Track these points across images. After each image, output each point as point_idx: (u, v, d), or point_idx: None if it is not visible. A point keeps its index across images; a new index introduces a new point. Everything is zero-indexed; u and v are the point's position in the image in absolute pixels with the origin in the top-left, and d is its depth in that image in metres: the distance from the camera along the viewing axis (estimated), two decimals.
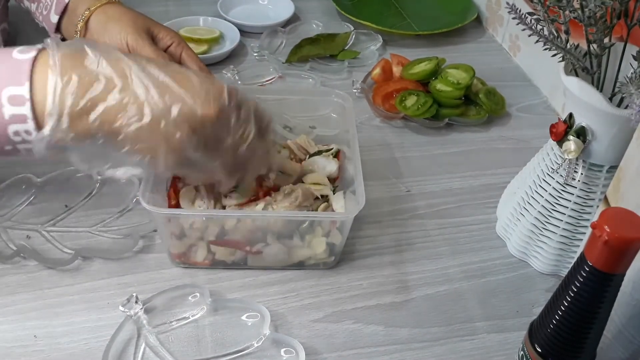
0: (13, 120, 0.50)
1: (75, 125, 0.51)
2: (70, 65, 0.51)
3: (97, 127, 0.51)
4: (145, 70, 0.53)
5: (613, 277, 0.44)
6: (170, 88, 0.53)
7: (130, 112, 0.51)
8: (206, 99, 0.53)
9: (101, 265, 0.65)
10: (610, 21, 0.57)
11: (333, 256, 0.66)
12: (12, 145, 0.52)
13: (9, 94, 0.50)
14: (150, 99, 0.52)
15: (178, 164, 0.55)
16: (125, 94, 0.51)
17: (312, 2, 1.15)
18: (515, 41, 1.04)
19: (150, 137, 0.52)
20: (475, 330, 0.63)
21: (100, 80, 0.51)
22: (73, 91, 0.50)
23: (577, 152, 0.59)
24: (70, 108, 0.50)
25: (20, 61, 0.51)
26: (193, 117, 0.53)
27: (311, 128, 0.77)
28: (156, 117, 0.52)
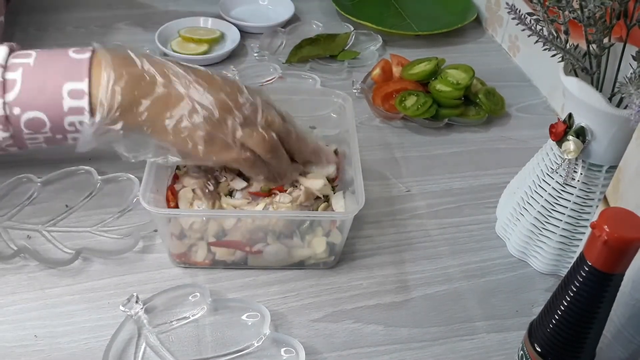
0: (71, 112, 0.57)
1: (125, 116, 0.57)
2: (120, 64, 0.58)
3: (144, 118, 0.58)
4: (180, 71, 0.60)
5: (612, 276, 0.44)
6: (203, 84, 0.60)
7: (172, 105, 0.58)
8: (232, 90, 0.61)
9: (101, 265, 0.66)
10: (610, 21, 0.57)
11: (333, 256, 0.66)
12: (63, 134, 0.58)
13: (70, 88, 0.56)
14: (189, 93, 0.59)
15: (217, 149, 0.60)
16: (168, 89, 0.59)
17: (312, 2, 1.15)
18: (514, 41, 1.04)
19: (191, 127, 0.59)
20: (474, 330, 0.63)
21: (146, 78, 0.58)
22: (124, 86, 0.57)
23: (576, 152, 0.59)
24: (121, 100, 0.57)
25: (78, 60, 0.58)
26: (225, 104, 0.60)
27: (311, 128, 0.77)
28: (196, 107, 0.59)
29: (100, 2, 1.10)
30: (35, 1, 1.08)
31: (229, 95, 0.61)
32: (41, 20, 1.03)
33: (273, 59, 0.98)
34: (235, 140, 0.60)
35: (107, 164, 0.75)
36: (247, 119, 0.61)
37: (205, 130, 0.59)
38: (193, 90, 0.59)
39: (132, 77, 0.57)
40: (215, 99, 0.60)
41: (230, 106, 0.60)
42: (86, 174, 0.74)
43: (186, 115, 0.58)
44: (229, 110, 0.60)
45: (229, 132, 0.60)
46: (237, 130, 0.60)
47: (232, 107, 0.60)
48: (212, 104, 0.59)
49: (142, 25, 1.04)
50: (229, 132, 0.60)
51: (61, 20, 1.04)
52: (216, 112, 0.59)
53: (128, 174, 0.74)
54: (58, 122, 0.57)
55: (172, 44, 0.98)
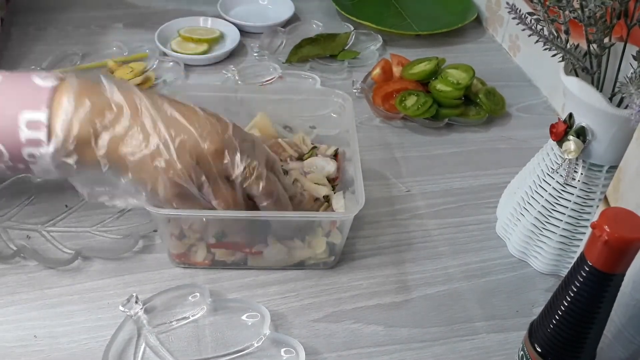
0: (28, 144, 0.52)
1: (82, 148, 0.53)
2: (86, 92, 0.53)
3: (103, 153, 0.54)
4: (155, 103, 0.55)
5: (613, 277, 0.44)
6: (178, 121, 0.55)
7: (136, 141, 0.53)
8: (211, 132, 0.55)
9: (101, 265, 0.65)
10: (610, 21, 0.57)
11: (333, 256, 0.66)
12: (24, 165, 0.54)
13: (27, 119, 0.52)
14: (156, 130, 0.54)
15: (178, 198, 0.56)
16: (133, 123, 0.54)
17: (312, 2, 1.15)
18: (515, 41, 1.04)
19: (153, 167, 0.54)
20: (475, 330, 0.63)
21: (112, 109, 0.54)
22: (83, 116, 0.52)
23: (577, 152, 0.59)
24: (78, 132, 0.52)
25: (40, 87, 0.53)
26: (196, 149, 0.54)
27: (311, 128, 0.77)
28: (160, 148, 0.54)
29: (100, 2, 1.10)
30: (35, 1, 1.08)
31: (205, 140, 0.54)
32: (41, 20, 1.03)
33: (273, 59, 0.98)
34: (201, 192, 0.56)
35: None
36: (218, 172, 0.56)
37: (167, 175, 0.54)
38: (163, 129, 0.54)
39: (95, 108, 0.53)
40: (187, 142, 0.54)
41: (201, 153, 0.54)
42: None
43: (149, 154, 0.53)
44: (200, 158, 0.54)
45: (194, 183, 0.55)
46: (203, 183, 0.55)
47: (203, 154, 0.54)
48: (182, 147, 0.54)
49: (141, 25, 1.04)
50: (193, 183, 0.55)
51: (61, 20, 1.04)
52: (183, 158, 0.54)
53: None
54: (16, 152, 0.53)
55: (172, 43, 0.98)
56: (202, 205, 0.57)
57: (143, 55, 0.95)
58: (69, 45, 0.97)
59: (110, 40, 0.99)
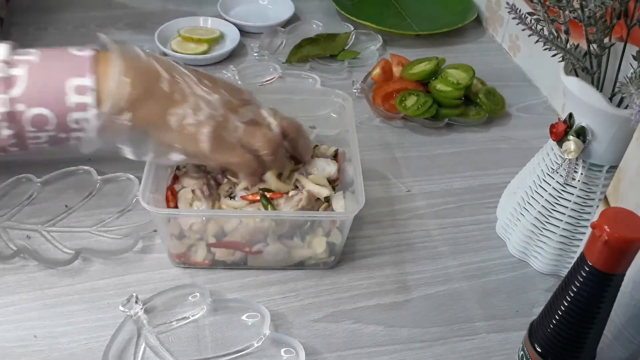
0: (76, 109, 0.56)
1: (133, 108, 0.57)
2: (127, 60, 0.58)
3: (150, 114, 0.58)
4: (184, 71, 0.61)
5: (613, 277, 0.44)
6: (206, 84, 0.61)
7: (177, 101, 0.59)
8: (237, 90, 0.64)
9: (101, 265, 0.65)
10: (610, 21, 0.57)
11: (333, 256, 0.66)
12: (66, 133, 0.57)
13: (75, 84, 0.56)
14: (193, 92, 0.59)
15: (219, 149, 0.60)
16: (172, 86, 0.59)
17: (312, 2, 1.15)
18: (515, 41, 1.04)
19: (195, 125, 0.59)
20: (475, 330, 0.63)
21: (152, 74, 0.59)
22: (132, 78, 0.57)
23: (577, 152, 0.59)
24: (129, 91, 0.57)
25: (81, 57, 0.58)
26: (229, 103, 0.61)
27: (311, 128, 0.77)
28: (200, 105, 0.59)
29: (100, 2, 1.10)
30: (35, 1, 1.08)
31: (232, 94, 0.62)
32: (41, 20, 1.03)
33: (273, 59, 0.98)
34: (239, 140, 0.61)
35: (106, 164, 0.75)
36: (251, 119, 0.62)
37: (209, 128, 0.59)
38: (197, 89, 0.60)
39: (139, 72, 0.58)
40: (220, 97, 0.60)
41: (235, 105, 0.61)
42: (86, 174, 0.74)
43: (190, 113, 0.59)
44: (233, 109, 0.61)
45: (233, 131, 0.60)
46: (240, 129, 0.60)
47: (236, 105, 0.61)
48: (217, 101, 0.60)
49: (142, 25, 1.04)
50: (233, 131, 0.60)
51: (61, 20, 1.04)
52: (220, 110, 0.60)
53: (128, 174, 0.74)
54: (62, 119, 0.56)
55: (172, 43, 0.98)
56: (243, 153, 0.61)
57: None
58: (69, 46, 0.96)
59: None
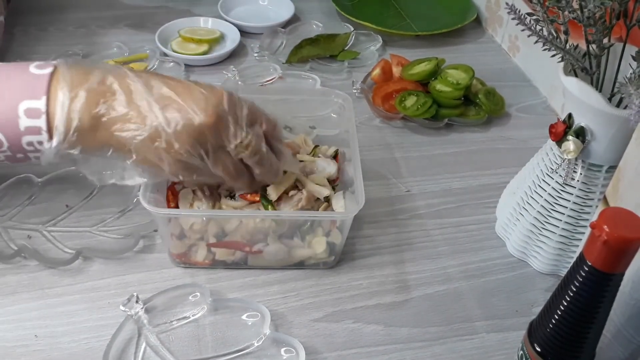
0: (28, 132, 0.53)
1: (83, 138, 0.54)
2: (79, 82, 0.54)
3: (104, 140, 0.55)
4: (148, 85, 0.56)
5: (612, 276, 0.44)
6: (172, 100, 0.55)
7: (133, 125, 0.55)
8: (205, 107, 0.55)
9: (102, 265, 0.66)
10: (610, 22, 0.57)
11: (333, 256, 0.66)
12: (23, 154, 0.55)
13: (26, 107, 0.53)
14: (151, 112, 0.55)
15: (183, 171, 0.58)
16: (129, 108, 0.55)
17: (312, 2, 1.15)
18: (514, 42, 1.04)
19: (153, 148, 0.55)
20: (474, 330, 0.63)
21: (107, 96, 0.54)
22: (80, 106, 0.53)
23: (576, 152, 0.59)
24: (78, 122, 0.53)
25: (38, 76, 0.54)
26: (192, 125, 0.55)
27: (311, 128, 0.77)
28: (157, 129, 0.55)
29: (101, 2, 1.10)
30: (35, 1, 1.08)
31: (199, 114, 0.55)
32: (42, 21, 1.03)
33: (273, 59, 0.98)
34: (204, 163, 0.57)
35: None
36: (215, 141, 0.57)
37: (168, 154, 0.55)
38: (157, 110, 0.54)
39: (90, 95, 0.54)
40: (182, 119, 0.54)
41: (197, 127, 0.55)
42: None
43: (147, 137, 0.54)
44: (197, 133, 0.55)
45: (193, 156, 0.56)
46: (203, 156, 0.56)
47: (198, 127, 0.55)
48: (175, 125, 0.54)
49: (142, 25, 1.04)
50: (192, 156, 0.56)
51: (61, 20, 1.04)
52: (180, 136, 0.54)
53: None
54: (15, 141, 0.54)
55: (172, 44, 0.98)
56: (209, 174, 0.59)
57: (143, 56, 0.95)
58: (69, 46, 0.97)
59: (110, 41, 0.99)
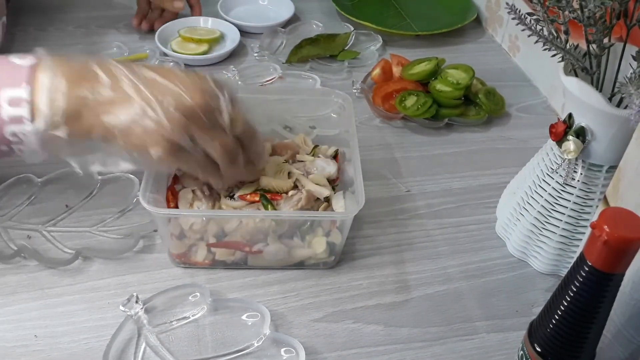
0: (11, 121, 0.53)
1: (70, 122, 0.54)
2: (63, 67, 0.54)
3: (90, 125, 0.54)
4: (132, 70, 0.56)
5: (612, 276, 0.44)
6: (158, 82, 0.55)
7: (120, 108, 0.54)
8: (191, 85, 0.56)
9: (101, 265, 0.66)
10: (610, 21, 0.57)
11: (333, 256, 0.66)
12: (7, 145, 0.54)
13: (9, 96, 0.53)
14: (139, 94, 0.54)
15: (172, 155, 0.56)
16: (114, 91, 0.54)
17: (312, 2, 1.15)
18: (514, 41, 1.04)
19: (142, 129, 0.54)
20: (474, 330, 0.63)
21: (91, 80, 0.54)
22: (66, 90, 0.53)
23: (576, 152, 0.59)
24: (63, 105, 0.53)
25: (19, 66, 0.54)
26: (182, 104, 0.55)
27: (311, 128, 0.77)
28: (146, 110, 0.54)
29: (101, 2, 1.10)
30: (35, 1, 1.08)
31: (189, 94, 0.55)
32: (41, 21, 1.03)
33: (273, 59, 0.98)
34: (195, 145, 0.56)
35: None
36: (209, 121, 0.57)
37: (157, 134, 0.54)
38: (144, 91, 0.54)
39: (75, 81, 0.54)
40: (172, 99, 0.55)
41: (189, 107, 0.55)
42: (86, 174, 0.74)
43: (136, 118, 0.54)
44: (188, 111, 0.55)
45: (185, 136, 0.56)
46: (195, 135, 0.56)
47: (190, 107, 0.55)
48: (167, 105, 0.54)
49: None
50: (185, 136, 0.55)
51: (61, 20, 1.04)
52: (171, 115, 0.54)
53: (128, 174, 0.74)
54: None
55: (172, 44, 0.98)
56: (196, 160, 0.58)
57: (143, 56, 0.95)
58: (69, 46, 0.97)
59: (110, 41, 0.99)
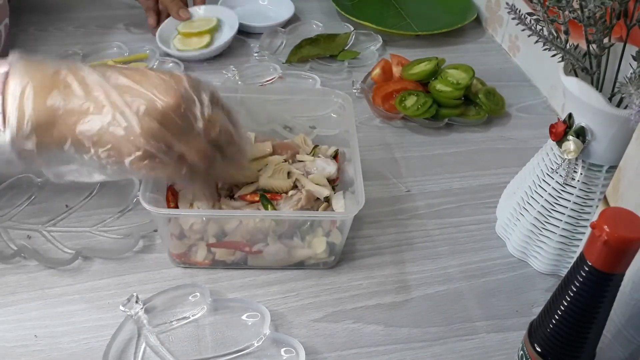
0: None
1: (40, 132, 0.52)
2: (33, 76, 0.52)
3: (62, 135, 0.53)
4: (104, 75, 0.54)
5: (612, 276, 0.44)
6: (130, 87, 0.54)
7: (91, 116, 0.53)
8: (165, 89, 0.54)
9: (101, 265, 0.66)
10: (610, 21, 0.57)
11: (333, 256, 0.66)
12: None
13: None
14: (110, 100, 0.53)
15: (146, 165, 0.55)
16: (86, 99, 0.53)
17: (312, 2, 1.15)
18: (514, 41, 1.04)
19: (114, 137, 0.53)
20: (474, 330, 0.63)
21: (61, 87, 0.53)
22: (32, 97, 0.51)
23: (576, 152, 0.59)
24: (32, 114, 0.51)
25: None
26: (155, 109, 0.53)
27: (311, 128, 0.77)
28: (117, 117, 0.53)
29: (100, 2, 1.10)
30: (35, 1, 1.08)
31: (162, 98, 0.53)
32: (42, 21, 1.03)
33: (273, 59, 0.98)
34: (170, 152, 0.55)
35: None
36: (183, 125, 0.55)
37: (128, 142, 0.53)
38: (116, 98, 0.53)
39: (46, 89, 0.52)
40: (145, 104, 0.53)
41: (161, 112, 0.53)
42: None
43: (106, 126, 0.52)
44: (161, 116, 0.53)
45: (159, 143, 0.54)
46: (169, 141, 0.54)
47: (163, 112, 0.53)
48: (139, 111, 0.53)
49: (142, 25, 1.04)
50: (158, 143, 0.54)
51: (61, 20, 1.04)
52: (142, 121, 0.53)
53: None
54: None
55: (175, 42, 0.97)
56: (172, 170, 0.56)
57: (143, 56, 0.95)
58: (69, 46, 0.97)
59: (110, 41, 0.99)
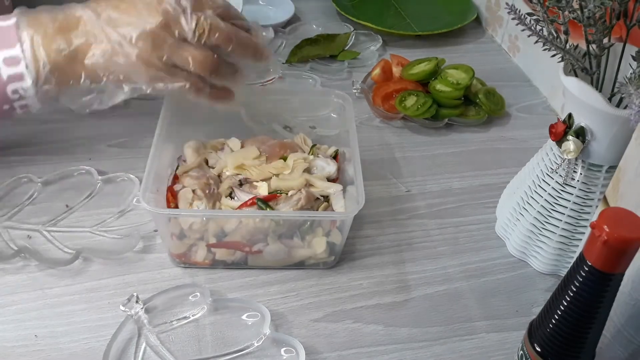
0: (11, 80, 0.58)
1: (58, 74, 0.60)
2: (37, 25, 0.59)
3: (77, 72, 0.60)
4: (96, 12, 0.60)
5: (612, 276, 0.44)
6: (120, 19, 0.60)
7: (94, 50, 0.60)
8: (149, 12, 0.60)
9: (102, 265, 0.66)
10: (610, 22, 0.57)
11: (333, 256, 0.66)
12: (9, 104, 0.60)
13: (4, 57, 0.58)
14: (105, 34, 0.60)
15: (157, 78, 0.61)
16: (86, 36, 0.60)
17: (312, 2, 1.15)
18: (514, 42, 1.04)
19: (118, 64, 0.60)
20: (474, 330, 0.63)
21: (62, 31, 0.60)
22: (43, 45, 0.58)
23: (576, 152, 0.59)
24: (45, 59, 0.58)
25: (4, 27, 0.59)
26: (144, 32, 0.59)
27: (311, 128, 0.77)
28: (115, 47, 0.59)
29: None
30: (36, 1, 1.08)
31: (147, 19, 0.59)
32: None
33: (273, 59, 0.98)
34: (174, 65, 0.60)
35: (107, 164, 0.75)
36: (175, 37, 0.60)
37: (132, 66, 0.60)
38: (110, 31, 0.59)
39: (49, 35, 0.59)
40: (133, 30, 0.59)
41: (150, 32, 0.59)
42: (86, 174, 0.74)
43: (108, 57, 0.59)
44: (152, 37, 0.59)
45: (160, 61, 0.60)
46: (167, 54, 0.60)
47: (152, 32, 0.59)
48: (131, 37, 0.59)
49: None
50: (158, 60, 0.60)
51: None
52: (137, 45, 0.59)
53: (128, 174, 0.74)
54: (1, 91, 0.58)
55: None
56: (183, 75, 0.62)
57: None
58: None
59: None
